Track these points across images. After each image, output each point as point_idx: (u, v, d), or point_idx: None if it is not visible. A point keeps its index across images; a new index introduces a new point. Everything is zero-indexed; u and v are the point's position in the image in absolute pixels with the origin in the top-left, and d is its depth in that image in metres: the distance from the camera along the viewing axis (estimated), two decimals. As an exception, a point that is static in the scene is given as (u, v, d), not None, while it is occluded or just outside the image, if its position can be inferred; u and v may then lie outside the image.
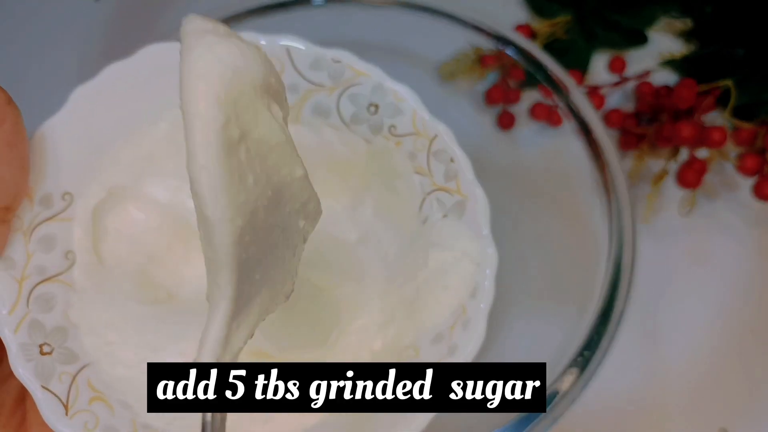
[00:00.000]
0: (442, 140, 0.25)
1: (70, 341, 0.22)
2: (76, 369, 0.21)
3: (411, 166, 0.25)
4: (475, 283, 0.24)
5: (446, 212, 0.24)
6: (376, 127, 0.25)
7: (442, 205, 0.24)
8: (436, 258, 0.24)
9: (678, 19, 0.51)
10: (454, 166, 0.25)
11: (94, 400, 0.21)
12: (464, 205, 0.24)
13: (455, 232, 0.24)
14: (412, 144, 0.25)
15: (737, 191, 0.45)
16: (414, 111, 0.24)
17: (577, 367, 0.26)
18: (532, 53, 0.33)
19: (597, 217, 0.31)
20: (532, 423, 0.25)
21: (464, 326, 0.23)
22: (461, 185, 0.24)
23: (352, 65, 0.24)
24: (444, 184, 0.25)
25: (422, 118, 0.25)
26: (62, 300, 0.22)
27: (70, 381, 0.21)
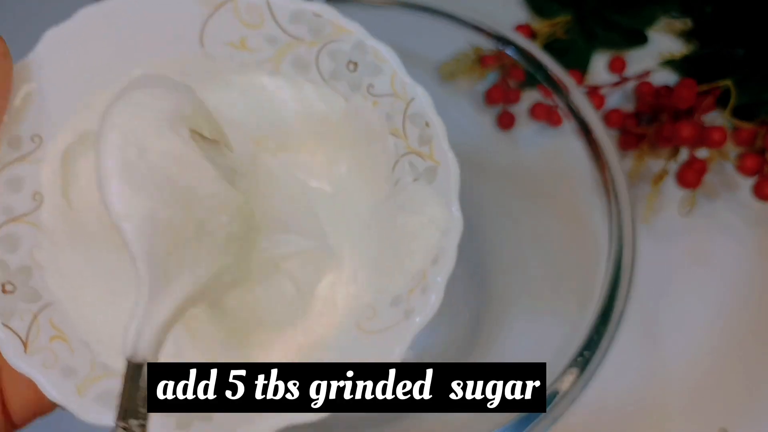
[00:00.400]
0: (419, 104, 0.24)
1: (34, 281, 0.22)
2: (39, 308, 0.22)
3: (387, 126, 0.25)
4: (439, 249, 0.24)
5: (417, 176, 0.24)
6: (354, 84, 0.25)
7: (414, 168, 0.24)
8: (404, 222, 0.24)
9: (678, 19, 0.51)
10: (429, 131, 0.24)
11: (54, 338, 0.22)
12: (435, 171, 0.24)
13: (424, 197, 0.24)
14: (390, 105, 0.24)
15: (737, 191, 0.45)
16: (394, 72, 0.24)
17: (577, 367, 0.26)
18: (532, 53, 0.33)
19: (597, 217, 0.31)
20: (532, 423, 0.25)
21: (423, 291, 0.23)
22: (434, 151, 0.24)
23: (334, 21, 0.24)
24: (418, 148, 0.24)
25: (401, 80, 0.24)
26: (28, 241, 0.22)
27: (31, 319, 0.21)
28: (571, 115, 0.32)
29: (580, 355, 0.27)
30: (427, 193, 0.24)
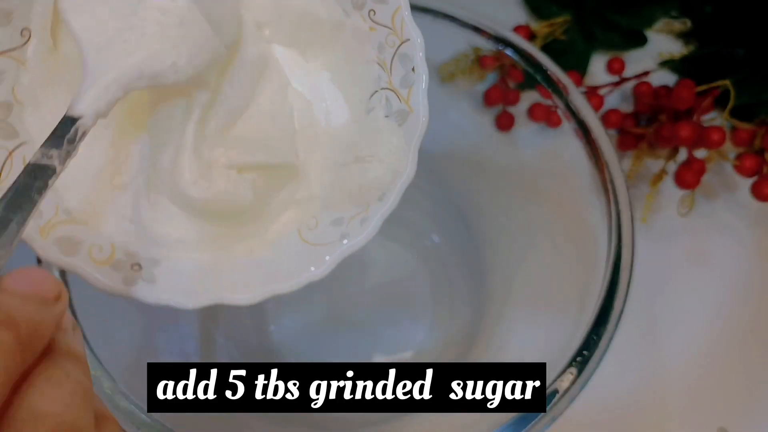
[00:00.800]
0: (412, 47, 0.24)
1: (12, 117, 0.22)
2: (14, 145, 0.22)
3: (375, 55, 0.25)
4: (387, 189, 0.24)
5: (390, 114, 0.25)
6: (358, 4, 0.25)
7: (389, 105, 0.25)
8: (365, 152, 0.25)
9: (677, 19, 0.51)
10: (412, 77, 0.24)
11: None
12: (407, 116, 0.24)
13: (390, 135, 0.25)
14: (384, 37, 0.25)
15: (736, 191, 0.45)
16: (399, 7, 0.24)
17: (576, 366, 0.26)
18: (531, 54, 0.33)
19: (596, 218, 0.31)
20: (531, 422, 0.25)
21: (361, 222, 0.24)
22: (411, 97, 0.24)
23: None
24: (398, 88, 0.25)
25: (402, 17, 0.24)
26: (11, 76, 0.22)
27: (6, 156, 0.22)
28: (570, 116, 0.32)
29: (579, 354, 0.27)
30: (394, 132, 0.25)
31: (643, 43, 0.49)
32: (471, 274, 0.41)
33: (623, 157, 0.45)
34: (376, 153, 0.25)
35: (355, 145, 0.25)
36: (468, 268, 0.41)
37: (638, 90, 0.46)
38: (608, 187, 0.30)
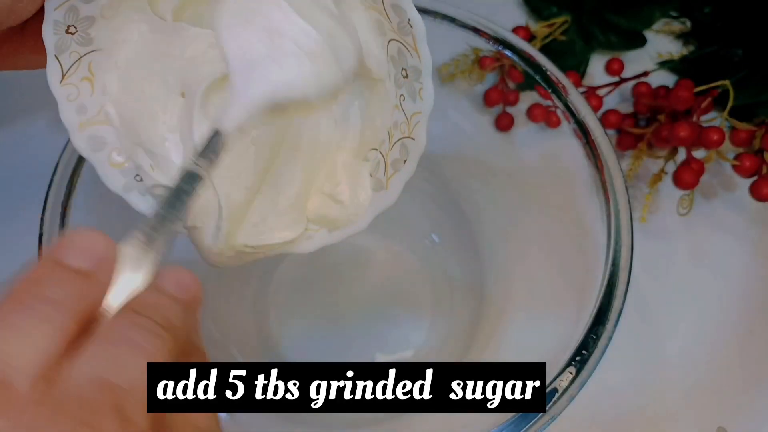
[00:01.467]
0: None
1: (93, 30, 0.25)
2: (86, 51, 0.25)
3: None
4: (407, 157, 0.27)
5: (407, 74, 0.25)
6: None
7: (403, 58, 0.25)
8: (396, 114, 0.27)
9: (676, 20, 0.52)
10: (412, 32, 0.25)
11: (84, 79, 0.26)
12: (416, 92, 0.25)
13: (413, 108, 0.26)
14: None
15: (735, 191, 0.45)
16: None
17: (576, 365, 0.26)
18: (530, 55, 0.33)
19: (595, 218, 0.31)
20: (531, 422, 0.26)
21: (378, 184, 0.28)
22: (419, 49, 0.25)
23: None
24: (403, 41, 0.25)
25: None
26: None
27: (76, 59, 0.25)
28: (570, 116, 0.32)
29: (578, 354, 0.27)
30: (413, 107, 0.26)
31: (643, 44, 0.49)
32: (471, 274, 0.41)
33: (622, 158, 0.46)
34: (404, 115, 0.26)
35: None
36: (468, 268, 0.42)
37: (637, 90, 0.46)
38: (607, 187, 0.31)
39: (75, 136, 0.26)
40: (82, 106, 0.26)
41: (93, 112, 0.26)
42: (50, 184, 0.30)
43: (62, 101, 0.26)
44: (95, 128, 0.26)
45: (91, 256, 0.18)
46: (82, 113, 0.26)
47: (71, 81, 0.25)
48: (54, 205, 0.29)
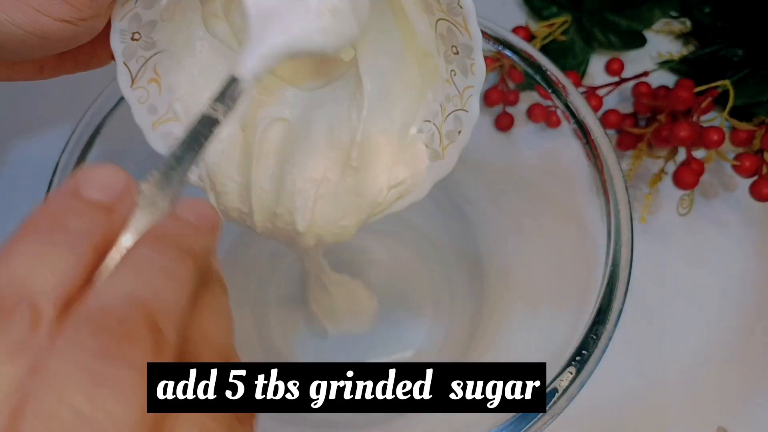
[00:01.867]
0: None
1: (155, 33, 0.26)
2: (151, 54, 0.27)
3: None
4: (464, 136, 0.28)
5: (457, 51, 0.26)
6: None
7: (453, 36, 0.26)
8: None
9: (676, 20, 0.52)
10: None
11: (151, 81, 0.27)
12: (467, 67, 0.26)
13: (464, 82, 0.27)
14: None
15: (735, 191, 0.45)
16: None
17: (575, 365, 0.26)
18: (530, 55, 0.33)
19: (595, 217, 0.31)
20: (530, 422, 0.26)
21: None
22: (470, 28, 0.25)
23: None
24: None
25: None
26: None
27: (143, 62, 0.26)
28: (570, 116, 0.32)
29: (578, 353, 0.27)
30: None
31: (643, 44, 0.49)
32: (471, 274, 0.41)
33: (622, 158, 0.46)
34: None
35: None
36: (468, 268, 0.42)
37: (637, 90, 0.46)
38: (607, 187, 0.31)
39: (149, 135, 0.28)
40: (152, 106, 0.27)
41: (162, 110, 0.28)
42: (50, 184, 0.30)
43: (134, 104, 0.27)
44: (166, 126, 0.28)
45: (111, 190, 0.18)
46: (153, 113, 0.27)
47: (140, 84, 0.27)
48: (54, 205, 0.29)
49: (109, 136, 0.32)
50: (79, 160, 0.30)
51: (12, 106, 0.47)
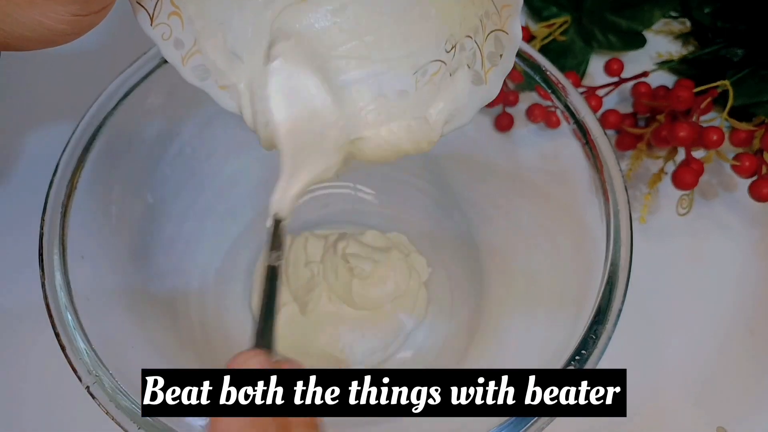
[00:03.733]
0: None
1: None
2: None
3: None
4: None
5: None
6: None
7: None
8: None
9: (676, 20, 0.52)
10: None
11: (172, 15, 0.26)
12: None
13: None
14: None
15: (734, 192, 0.45)
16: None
17: (575, 365, 0.27)
18: (529, 55, 0.33)
19: (594, 218, 0.31)
20: (530, 422, 0.26)
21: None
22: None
23: None
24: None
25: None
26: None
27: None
28: (569, 117, 0.32)
29: (577, 353, 0.27)
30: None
31: (642, 44, 0.49)
32: (471, 274, 0.41)
33: (622, 158, 0.46)
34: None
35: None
36: (468, 267, 0.42)
37: (637, 90, 0.46)
38: (607, 187, 0.31)
39: (182, 70, 0.27)
40: (179, 40, 0.27)
41: (189, 43, 0.27)
42: (50, 184, 0.30)
43: (159, 42, 0.26)
44: (195, 58, 0.27)
45: None
46: (180, 47, 0.27)
47: (161, 20, 0.26)
48: (54, 205, 0.29)
49: (110, 136, 0.32)
50: (79, 161, 0.30)
51: (12, 105, 0.47)
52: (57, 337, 0.27)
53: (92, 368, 0.26)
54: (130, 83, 0.32)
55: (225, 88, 0.28)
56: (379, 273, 0.40)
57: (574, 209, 0.34)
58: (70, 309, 0.27)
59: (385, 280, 0.40)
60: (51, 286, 0.28)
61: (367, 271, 0.40)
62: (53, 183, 0.30)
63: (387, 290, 0.40)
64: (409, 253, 0.42)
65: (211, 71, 0.27)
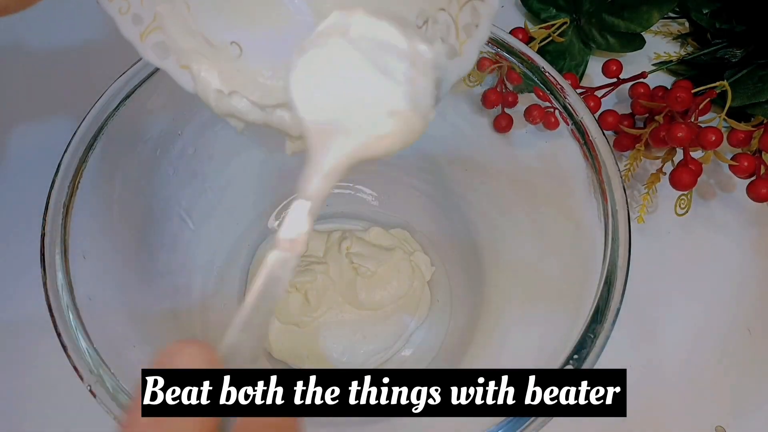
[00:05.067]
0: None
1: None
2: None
3: None
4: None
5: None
6: None
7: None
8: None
9: (674, 21, 0.52)
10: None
11: None
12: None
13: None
14: None
15: (733, 192, 0.45)
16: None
17: (573, 365, 0.27)
18: (528, 57, 0.34)
19: (593, 218, 0.31)
20: (528, 422, 0.26)
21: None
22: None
23: None
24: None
25: None
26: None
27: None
28: (568, 118, 0.33)
29: (575, 353, 0.27)
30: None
31: (641, 46, 0.49)
32: (469, 274, 0.41)
33: (620, 158, 0.46)
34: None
35: None
36: (467, 267, 0.42)
37: (635, 91, 0.47)
38: (605, 187, 0.31)
39: (139, 47, 0.26)
40: (137, 16, 0.25)
41: (149, 19, 0.26)
42: (52, 184, 0.30)
43: (116, 16, 0.25)
44: (155, 35, 0.26)
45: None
46: (138, 23, 0.25)
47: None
48: (56, 205, 0.29)
49: (112, 136, 0.32)
50: (81, 161, 0.30)
51: (12, 105, 0.48)
52: (59, 337, 0.27)
53: (94, 368, 0.26)
54: (132, 84, 0.32)
55: (186, 68, 0.26)
56: (382, 273, 0.40)
57: (572, 209, 0.34)
58: (72, 309, 0.27)
59: (389, 280, 0.40)
60: (53, 286, 0.28)
61: (371, 270, 0.40)
62: (55, 183, 0.30)
63: (391, 291, 0.40)
64: (413, 252, 0.42)
65: (172, 49, 0.26)
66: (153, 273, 0.36)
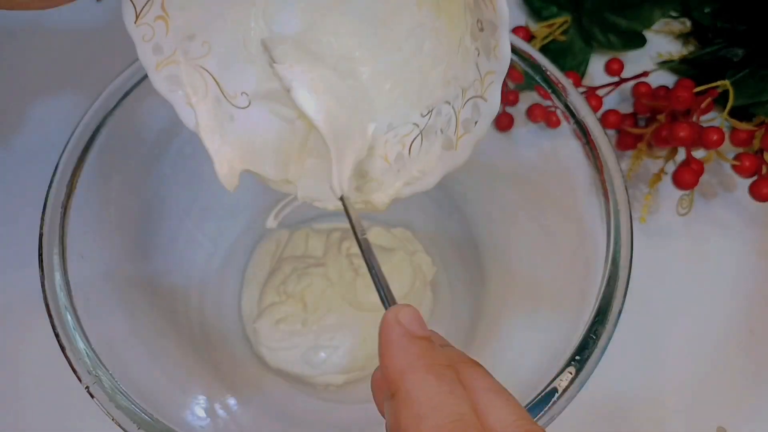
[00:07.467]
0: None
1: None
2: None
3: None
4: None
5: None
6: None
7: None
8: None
9: (676, 20, 0.52)
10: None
11: (158, 19, 0.26)
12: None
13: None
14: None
15: (734, 191, 0.45)
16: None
17: (575, 365, 0.26)
18: (529, 55, 0.33)
19: (594, 217, 0.31)
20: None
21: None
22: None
23: None
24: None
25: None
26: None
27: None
28: (569, 116, 0.32)
29: (577, 353, 0.27)
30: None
31: (642, 44, 0.49)
32: (470, 274, 0.41)
33: (622, 158, 0.46)
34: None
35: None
36: (468, 267, 0.42)
37: (637, 90, 0.46)
38: (607, 186, 0.31)
39: (153, 75, 0.27)
40: (158, 46, 0.26)
41: (169, 51, 0.26)
42: (50, 184, 0.30)
43: (138, 42, 0.26)
44: (171, 68, 0.27)
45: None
46: (158, 53, 0.26)
47: (145, 21, 0.25)
48: (54, 205, 0.29)
49: (110, 136, 0.31)
50: (79, 160, 0.30)
51: (13, 105, 0.47)
52: (57, 337, 0.27)
53: (92, 368, 0.26)
54: (130, 83, 0.32)
55: (192, 107, 0.27)
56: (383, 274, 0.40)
57: (574, 209, 0.34)
58: (69, 309, 0.27)
59: (390, 281, 0.40)
60: (51, 286, 0.28)
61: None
62: (53, 183, 0.30)
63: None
64: (415, 252, 0.42)
65: (185, 85, 0.27)
66: (151, 273, 0.36)
